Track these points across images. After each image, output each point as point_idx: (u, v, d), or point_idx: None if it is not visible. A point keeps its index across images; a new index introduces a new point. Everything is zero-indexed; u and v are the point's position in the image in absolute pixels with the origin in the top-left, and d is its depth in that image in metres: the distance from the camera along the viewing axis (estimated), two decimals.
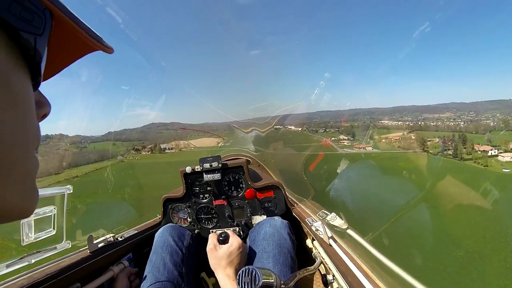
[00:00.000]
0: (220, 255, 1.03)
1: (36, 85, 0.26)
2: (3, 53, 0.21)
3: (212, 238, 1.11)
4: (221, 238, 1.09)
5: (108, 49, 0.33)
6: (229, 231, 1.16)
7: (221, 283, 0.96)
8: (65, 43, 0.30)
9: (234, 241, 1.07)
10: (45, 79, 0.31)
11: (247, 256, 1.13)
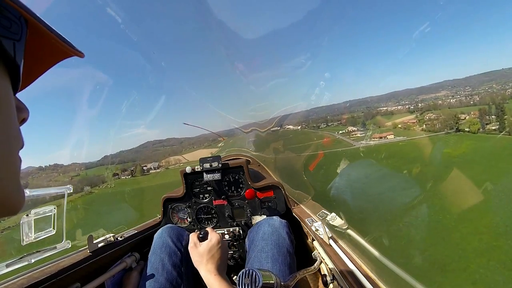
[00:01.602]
0: (201, 251, 1.04)
1: (15, 89, 0.28)
2: None
3: (192, 237, 1.12)
4: (200, 236, 1.10)
5: (80, 54, 0.35)
6: (209, 228, 1.17)
7: (204, 279, 0.97)
8: (40, 50, 0.32)
9: (213, 237, 1.08)
10: (23, 87, 0.33)
11: (228, 251, 1.14)
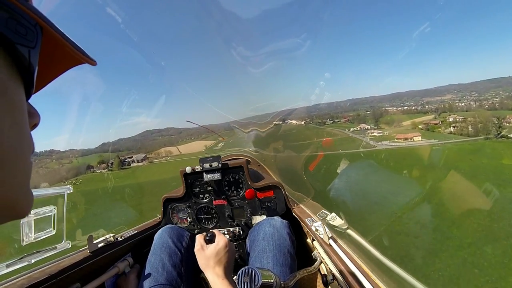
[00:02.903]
0: (208, 254, 1.02)
1: (28, 95, 0.28)
2: (1, 64, 0.23)
3: (198, 239, 1.10)
4: (207, 238, 1.08)
5: (92, 62, 0.35)
6: (216, 230, 1.16)
7: (211, 283, 0.96)
8: (53, 56, 0.32)
9: (221, 240, 1.07)
10: (34, 92, 0.33)
11: (235, 254, 1.13)
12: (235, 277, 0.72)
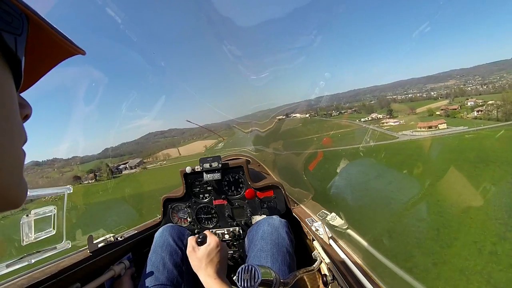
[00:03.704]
0: (200, 256, 1.02)
1: (17, 85, 0.28)
2: None
3: (190, 241, 1.10)
4: (199, 240, 1.08)
5: (81, 51, 0.35)
6: (207, 231, 1.15)
7: (204, 283, 0.96)
8: (42, 48, 0.32)
9: (212, 240, 1.07)
10: (27, 86, 0.33)
11: (227, 254, 1.13)
12: (235, 277, 0.72)
